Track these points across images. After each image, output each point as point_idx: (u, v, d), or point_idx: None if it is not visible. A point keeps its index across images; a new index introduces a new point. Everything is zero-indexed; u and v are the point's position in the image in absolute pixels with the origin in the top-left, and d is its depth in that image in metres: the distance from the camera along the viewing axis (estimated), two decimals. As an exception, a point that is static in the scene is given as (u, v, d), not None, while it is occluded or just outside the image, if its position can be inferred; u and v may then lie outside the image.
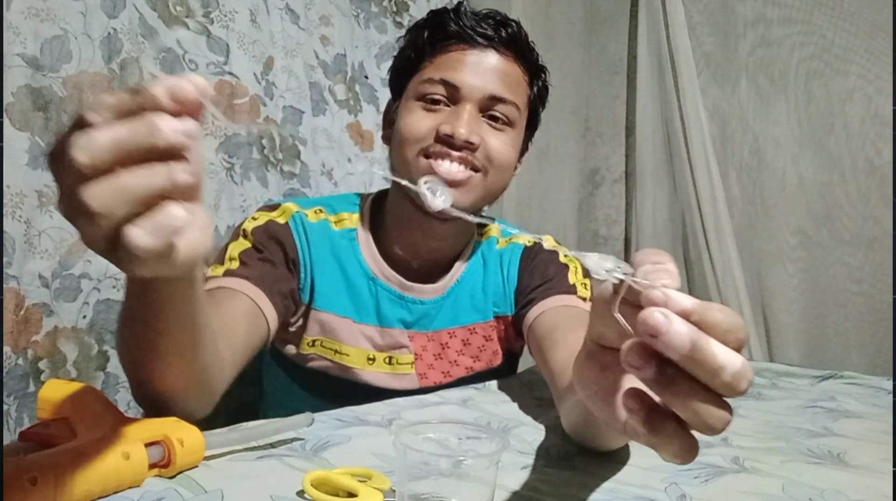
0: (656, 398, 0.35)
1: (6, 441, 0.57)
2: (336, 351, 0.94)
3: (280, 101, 1.22)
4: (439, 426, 0.45)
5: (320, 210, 0.97)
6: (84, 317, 0.93)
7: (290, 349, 0.96)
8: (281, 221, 0.92)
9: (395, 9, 1.50)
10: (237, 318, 0.79)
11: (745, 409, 0.94)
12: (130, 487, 0.50)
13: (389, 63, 1.13)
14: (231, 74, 1.13)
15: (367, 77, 1.44)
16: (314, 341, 0.94)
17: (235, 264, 0.84)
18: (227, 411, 1.14)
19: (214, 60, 1.11)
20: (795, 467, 0.68)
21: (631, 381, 0.37)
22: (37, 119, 0.92)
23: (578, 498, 0.56)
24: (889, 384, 1.15)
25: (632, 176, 2.08)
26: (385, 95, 1.47)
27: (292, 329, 0.94)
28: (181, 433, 0.53)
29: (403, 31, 1.50)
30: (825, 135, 1.76)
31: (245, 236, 0.88)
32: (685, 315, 0.33)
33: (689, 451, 0.35)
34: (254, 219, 0.92)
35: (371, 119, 1.45)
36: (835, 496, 0.59)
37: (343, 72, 1.38)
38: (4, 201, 0.83)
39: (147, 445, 0.51)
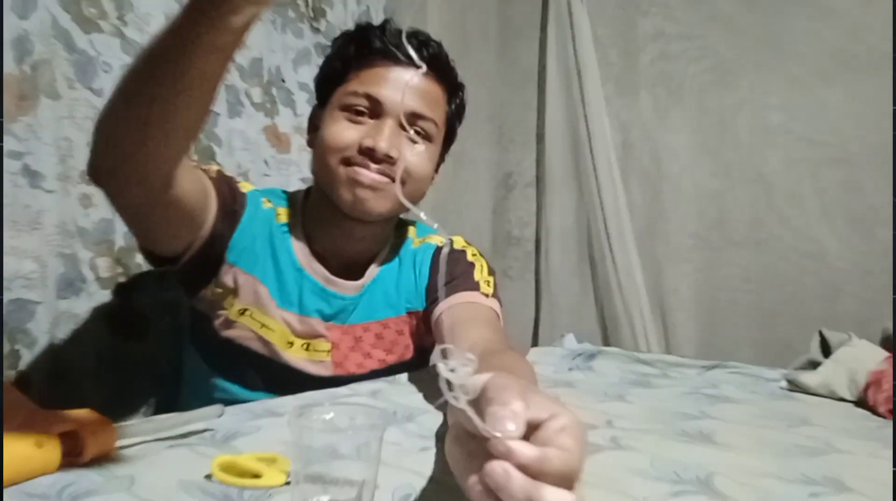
0: None
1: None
2: (263, 325, 0.97)
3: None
4: (331, 409, 0.49)
5: (268, 201, 1.02)
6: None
7: (220, 313, 0.97)
8: (241, 188, 0.98)
9: (311, 14, 1.52)
10: (194, 169, 0.86)
11: (633, 396, 1.01)
12: (43, 474, 0.52)
13: (306, 67, 1.14)
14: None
15: (283, 81, 1.46)
16: (244, 309, 0.97)
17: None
18: (145, 411, 1.15)
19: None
20: (667, 444, 0.74)
21: None
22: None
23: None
24: (771, 373, 1.22)
25: (542, 181, 2.13)
26: (302, 99, 1.49)
27: (223, 287, 0.97)
28: (94, 424, 0.56)
29: (320, 37, 1.52)
30: (718, 144, 1.85)
31: (218, 170, 0.96)
32: (524, 468, 0.37)
33: None
34: (220, 169, 0.98)
35: (288, 122, 1.47)
36: (697, 468, 0.65)
37: (260, 75, 1.40)
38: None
39: (60, 435, 0.54)
